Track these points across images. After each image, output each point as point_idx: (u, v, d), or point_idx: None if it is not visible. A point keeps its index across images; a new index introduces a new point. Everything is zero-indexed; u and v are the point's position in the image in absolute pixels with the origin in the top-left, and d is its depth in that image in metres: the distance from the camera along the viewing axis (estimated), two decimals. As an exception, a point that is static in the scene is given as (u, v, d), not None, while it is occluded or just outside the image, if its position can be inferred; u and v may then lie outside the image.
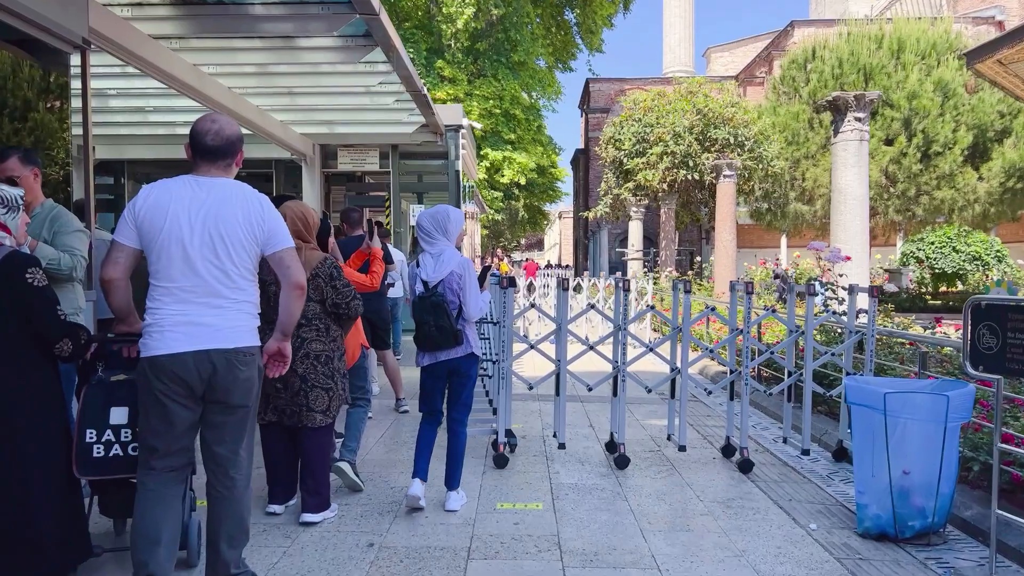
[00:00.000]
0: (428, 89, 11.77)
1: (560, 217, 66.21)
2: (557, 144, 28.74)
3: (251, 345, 2.63)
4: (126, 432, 2.79)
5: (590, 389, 4.83)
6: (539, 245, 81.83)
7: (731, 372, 4.91)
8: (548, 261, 56.36)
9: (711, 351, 5.04)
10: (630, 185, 19.52)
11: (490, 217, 28.28)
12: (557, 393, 4.90)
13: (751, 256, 21.28)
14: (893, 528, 3.55)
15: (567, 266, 41.37)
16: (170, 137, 10.08)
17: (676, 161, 18.49)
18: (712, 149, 18.71)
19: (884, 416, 3.50)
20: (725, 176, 14.06)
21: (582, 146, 42.73)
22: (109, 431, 2.78)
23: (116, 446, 2.78)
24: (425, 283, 3.67)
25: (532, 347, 4.75)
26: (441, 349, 3.69)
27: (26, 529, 2.58)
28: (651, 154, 18.69)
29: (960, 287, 19.88)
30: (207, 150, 2.60)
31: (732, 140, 18.56)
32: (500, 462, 4.63)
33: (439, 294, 3.65)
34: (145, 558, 2.52)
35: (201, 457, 2.72)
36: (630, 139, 19.29)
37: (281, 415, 3.61)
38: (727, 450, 4.97)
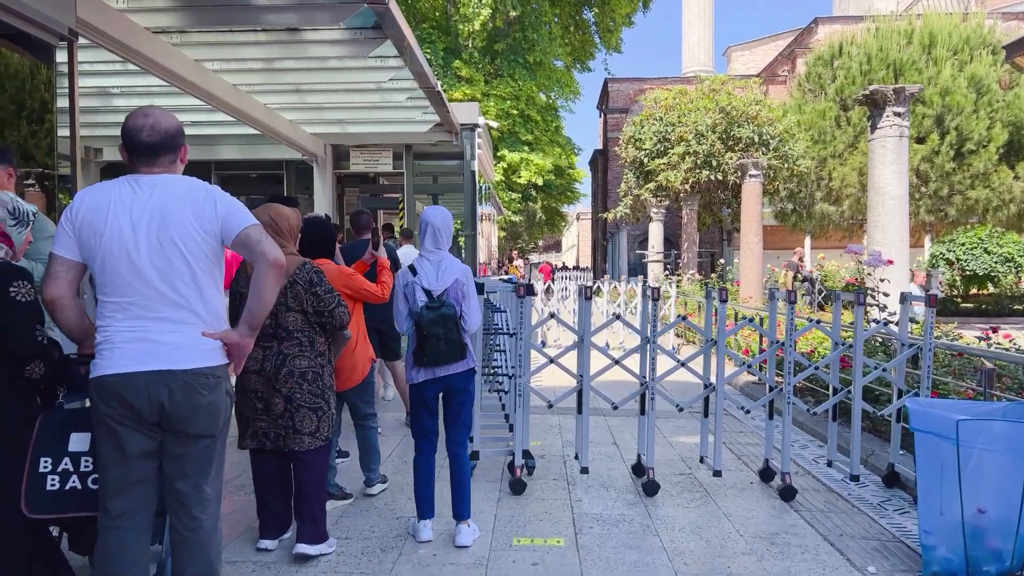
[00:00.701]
0: (445, 89, 11.42)
1: (578, 219, 65.71)
2: (575, 145, 28.28)
3: (215, 365, 2.28)
4: (86, 461, 2.42)
5: (615, 407, 4.41)
6: (556, 247, 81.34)
7: (771, 389, 4.48)
8: (564, 263, 55.83)
9: (748, 366, 4.59)
10: (651, 186, 19.04)
11: (507, 219, 27.89)
12: (580, 411, 4.50)
13: (774, 258, 20.71)
14: (965, 573, 3.11)
15: (585, 268, 40.88)
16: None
17: (698, 161, 17.99)
18: (736, 148, 18.18)
19: (956, 446, 3.06)
20: (751, 176, 13.54)
21: (600, 147, 42.26)
22: (67, 459, 2.41)
23: (74, 477, 2.40)
24: (428, 292, 3.39)
25: (552, 361, 4.35)
26: (445, 364, 3.40)
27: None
28: (673, 154, 18.21)
29: (992, 290, 19.18)
30: (144, 148, 2.26)
31: (756, 139, 18.02)
32: (517, 488, 4.23)
33: (449, 304, 3.38)
34: None
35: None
36: (651, 139, 18.81)
37: (264, 439, 3.26)
38: (766, 474, 4.53)
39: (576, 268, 42.48)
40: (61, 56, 4.70)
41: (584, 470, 4.34)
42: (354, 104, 8.45)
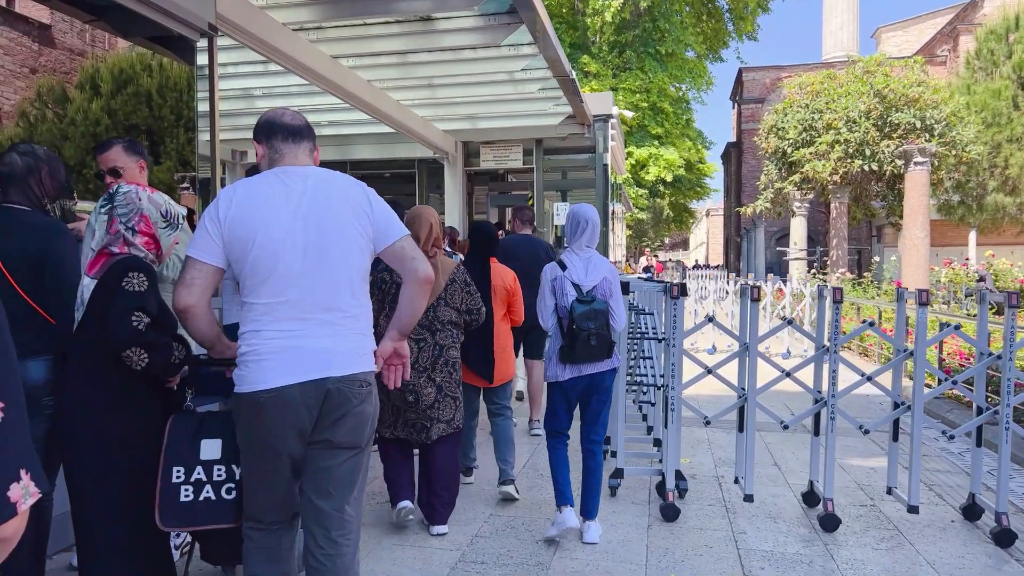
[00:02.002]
0: (574, 80, 10.97)
1: (708, 215, 63.25)
2: (707, 138, 27.01)
3: (369, 371, 2.14)
4: (219, 470, 2.27)
5: (785, 427, 3.82)
6: (684, 245, 78.68)
7: (980, 411, 3.71)
8: (697, 261, 53.72)
9: (954, 382, 3.84)
10: (795, 178, 17.70)
11: (634, 216, 27.09)
12: (741, 429, 3.94)
13: (933, 256, 18.75)
14: None
15: (718, 266, 39.08)
16: (319, 139, 10.02)
17: (850, 150, 16.48)
18: (893, 136, 16.53)
19: None
20: (916, 164, 12.16)
21: (734, 139, 40.33)
22: (200, 468, 2.27)
23: (207, 487, 2.26)
24: (577, 287, 3.34)
25: (709, 372, 3.81)
26: (593, 361, 3.34)
27: None
28: (820, 143, 16.80)
29: None
30: (291, 129, 2.14)
31: (918, 124, 16.28)
32: (669, 514, 3.74)
33: (601, 300, 3.35)
34: None
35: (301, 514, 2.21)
36: (795, 127, 17.47)
37: (411, 430, 3.44)
38: (970, 511, 3.77)
39: (705, 266, 40.78)
40: (202, 59, 4.71)
41: (748, 498, 3.77)
42: (485, 97, 8.23)
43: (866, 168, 16.60)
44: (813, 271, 16.30)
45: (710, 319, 3.84)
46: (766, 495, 4.18)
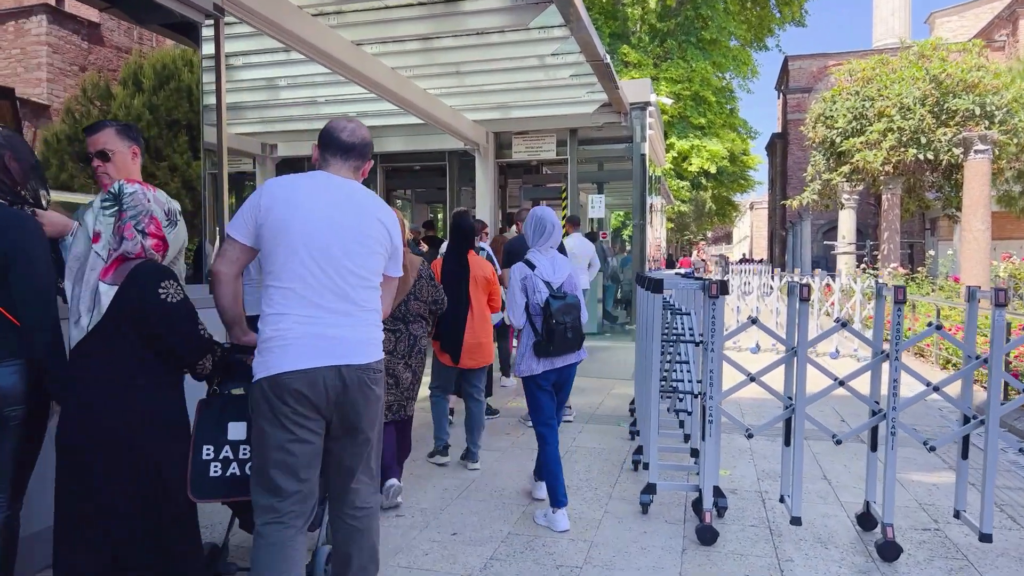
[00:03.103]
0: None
1: (751, 208, 61.81)
2: (752, 127, 26.16)
3: (380, 359, 2.32)
4: (244, 449, 2.48)
5: (838, 441, 3.41)
6: (727, 238, 77.07)
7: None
8: (744, 255, 52.39)
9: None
10: (844, 168, 16.91)
11: (676, 209, 26.42)
12: (788, 443, 3.55)
13: (991, 249, 17.76)
14: None
15: (761, 260, 38.03)
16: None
17: (904, 138, 15.67)
18: (951, 123, 15.66)
19: None
20: (976, 152, 11.41)
21: (779, 130, 39.16)
22: (227, 447, 2.48)
23: (234, 464, 2.46)
24: (548, 284, 3.56)
25: (752, 379, 3.43)
26: (567, 353, 3.57)
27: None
28: (872, 131, 16.00)
29: None
30: (343, 146, 2.34)
31: (977, 111, 15.37)
32: (707, 537, 3.37)
33: (573, 295, 3.61)
34: None
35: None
36: (845, 115, 16.68)
37: (390, 412, 3.67)
38: (1052, 540, 3.32)
39: (747, 260, 39.74)
40: (208, 49, 4.48)
41: (796, 521, 3.38)
42: (516, 84, 7.89)
43: (921, 157, 15.75)
44: (863, 266, 15.52)
45: (753, 320, 3.46)
46: (815, 515, 3.77)
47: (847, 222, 21.24)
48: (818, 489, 4.22)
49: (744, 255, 50.28)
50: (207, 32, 4.47)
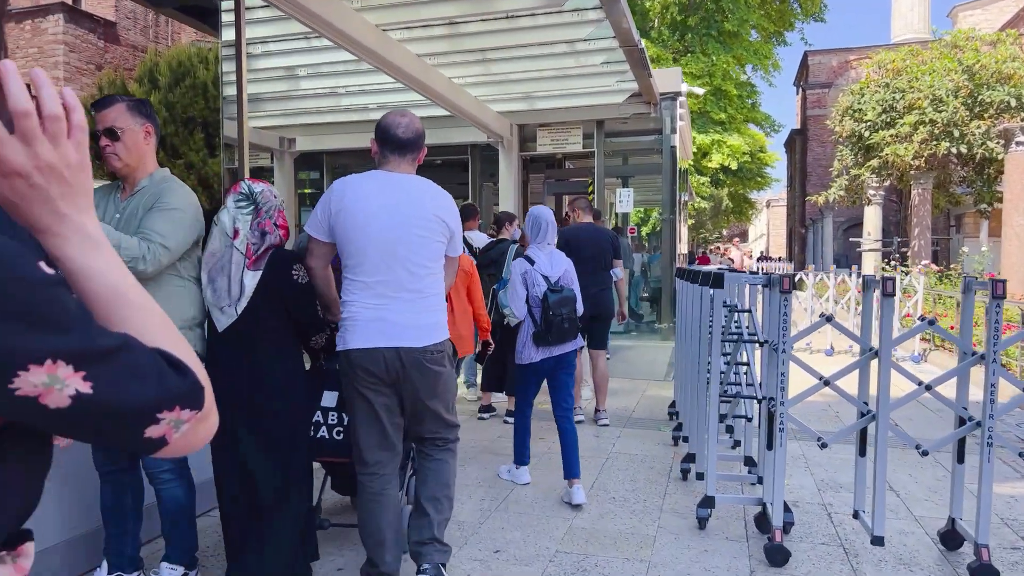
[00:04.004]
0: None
1: (768, 205, 61.07)
2: (776, 121, 25.67)
3: (441, 340, 2.60)
4: (333, 415, 2.91)
5: (924, 452, 3.08)
6: (742, 236, 76.25)
7: None
8: (762, 252, 51.68)
9: None
10: (873, 163, 16.45)
11: (695, 205, 25.97)
12: (862, 453, 3.23)
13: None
14: None
15: (779, 258, 37.48)
16: (366, 124, 9.55)
17: (936, 131, 15.21)
18: (985, 116, 15.18)
19: None
20: (1019, 144, 10.97)
21: (798, 126, 38.57)
22: (319, 413, 2.91)
23: (323, 428, 2.90)
24: (546, 278, 3.82)
25: (826, 383, 3.10)
26: (564, 343, 3.83)
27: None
28: (902, 124, 15.55)
29: None
30: (399, 143, 2.58)
31: (1014, 102, 14.88)
32: (777, 558, 3.05)
33: (569, 288, 3.87)
34: (375, 557, 2.58)
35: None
36: (874, 108, 16.22)
37: None
38: None
39: (766, 258, 39.17)
40: (228, 35, 4.21)
41: (877, 541, 3.05)
42: (543, 72, 7.57)
43: (953, 151, 15.28)
44: (894, 263, 15.05)
45: (828, 319, 3.13)
46: (891, 532, 3.44)
47: (873, 218, 20.77)
48: (889, 503, 3.88)
49: (762, 252, 49.61)
50: (227, 17, 4.21)
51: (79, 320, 0.65)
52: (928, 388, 3.03)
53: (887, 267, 15.41)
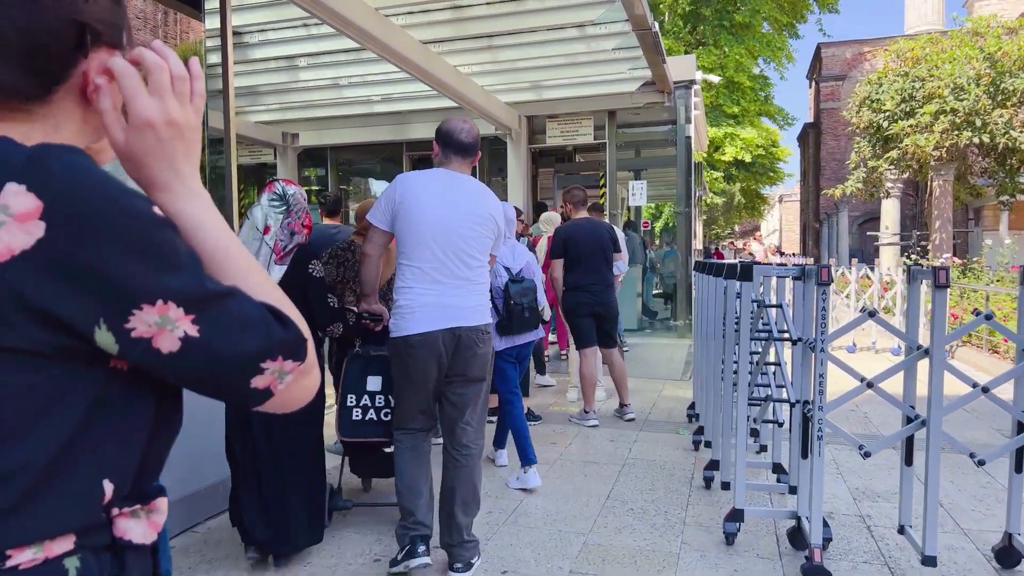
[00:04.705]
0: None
1: (780, 201, 60.40)
2: (789, 114, 25.24)
3: (487, 322, 2.85)
4: (380, 399, 3.16)
5: (981, 462, 2.76)
6: (754, 232, 75.60)
7: None
8: (776, 247, 50.98)
9: None
10: (892, 154, 16.01)
11: (708, 201, 25.58)
12: (909, 462, 2.92)
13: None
14: None
15: (794, 254, 36.90)
16: (370, 118, 9.28)
17: (958, 121, 14.76)
18: (1007, 104, 14.73)
19: None
20: (1046, 131, 10.56)
21: (811, 120, 38.00)
22: (366, 397, 3.16)
23: (371, 411, 3.15)
24: (508, 270, 3.99)
25: (870, 386, 2.79)
26: (525, 332, 4.03)
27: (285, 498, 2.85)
28: (922, 114, 15.11)
29: None
30: (462, 146, 2.85)
31: (1036, 90, 14.42)
32: (817, 579, 2.75)
33: (530, 280, 4.05)
34: (411, 507, 2.78)
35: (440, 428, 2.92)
36: (893, 97, 15.78)
37: None
38: None
39: (781, 253, 38.59)
40: (213, 22, 3.94)
41: (929, 562, 2.74)
42: (552, 59, 7.27)
43: (975, 141, 14.83)
44: (914, 257, 14.61)
45: (871, 314, 2.82)
46: (939, 547, 3.12)
47: (891, 212, 20.34)
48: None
49: (776, 248, 48.99)
50: (211, 3, 3.93)
51: (190, 263, 0.68)
52: (985, 390, 2.71)
53: (908, 261, 15.00)
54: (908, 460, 2.94)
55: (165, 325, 0.64)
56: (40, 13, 0.68)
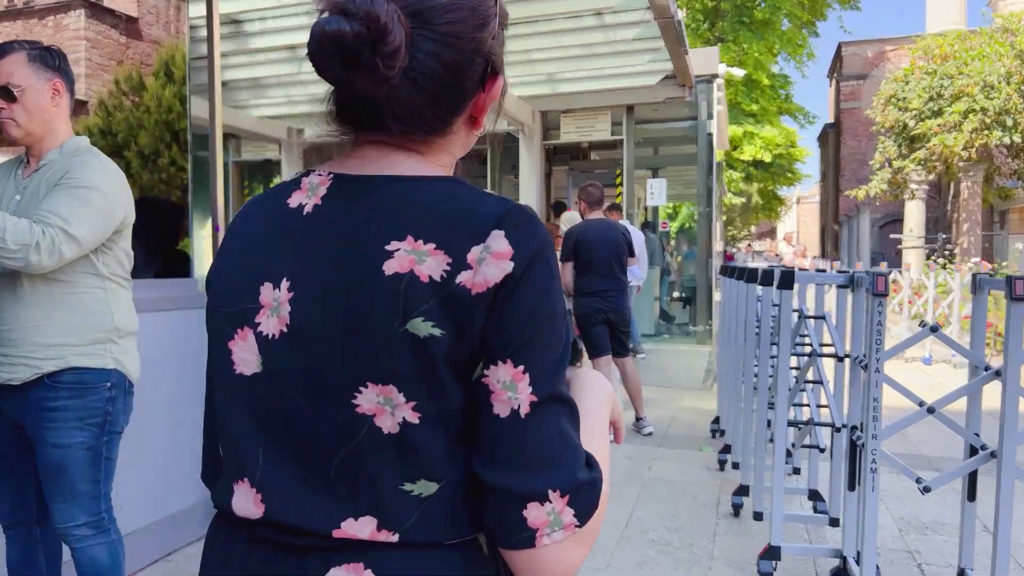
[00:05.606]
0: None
1: (798, 202, 59.67)
2: (810, 113, 24.74)
3: None
4: None
5: (1062, 503, 2.39)
6: (771, 234, 74.82)
7: None
8: (806, 249, 50.38)
9: None
10: (919, 154, 15.52)
11: (728, 200, 25.10)
12: (971, 498, 2.55)
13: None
14: None
15: (814, 257, 36.24)
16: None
17: (987, 120, 14.27)
18: (1039, 102, 14.23)
19: None
20: (1086, 130, 10.08)
21: (831, 120, 37.36)
22: None
23: None
24: None
25: (931, 412, 2.43)
26: None
27: None
28: (951, 113, 14.62)
29: None
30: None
31: (1070, 88, 13.91)
32: (869, 634, 2.39)
33: None
34: None
35: None
36: (920, 96, 15.29)
37: None
38: None
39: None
40: (199, 8, 3.64)
41: (1002, 616, 2.38)
42: (568, 49, 6.92)
43: (1006, 141, 14.32)
44: (943, 260, 14.12)
45: (934, 329, 2.46)
46: (1002, 594, 2.75)
47: (915, 214, 19.82)
48: (983, 547, 3.19)
49: (805, 250, 48.37)
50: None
51: (564, 359, 0.71)
52: (1069, 419, 2.33)
53: (936, 264, 14.51)
54: (971, 495, 2.57)
55: (508, 390, 0.66)
56: (461, 53, 0.73)
